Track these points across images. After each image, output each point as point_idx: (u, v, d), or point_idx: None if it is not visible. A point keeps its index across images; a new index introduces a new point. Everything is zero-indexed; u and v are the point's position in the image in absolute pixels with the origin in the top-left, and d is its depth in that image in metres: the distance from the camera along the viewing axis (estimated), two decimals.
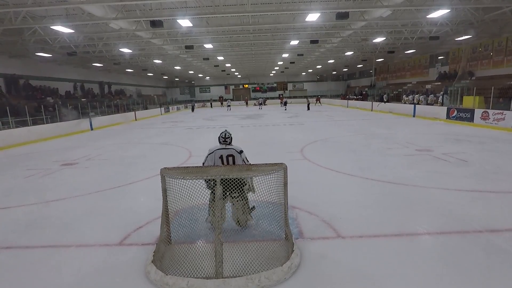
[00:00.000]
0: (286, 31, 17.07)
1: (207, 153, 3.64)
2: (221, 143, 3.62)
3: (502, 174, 5.93)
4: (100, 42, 16.90)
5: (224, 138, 3.62)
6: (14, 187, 6.38)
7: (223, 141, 3.61)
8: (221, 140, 3.61)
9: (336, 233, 3.74)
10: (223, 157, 3.56)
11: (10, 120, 13.48)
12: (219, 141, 3.64)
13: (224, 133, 3.67)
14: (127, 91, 34.92)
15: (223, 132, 3.68)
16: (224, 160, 3.56)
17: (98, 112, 20.75)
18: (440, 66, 24.68)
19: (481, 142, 9.50)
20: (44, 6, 10.25)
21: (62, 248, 3.67)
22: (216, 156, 3.58)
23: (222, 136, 3.64)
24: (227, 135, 3.62)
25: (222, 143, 3.62)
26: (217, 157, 3.58)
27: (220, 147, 3.61)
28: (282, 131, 14.17)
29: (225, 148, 3.61)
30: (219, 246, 2.81)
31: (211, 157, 3.59)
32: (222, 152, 3.59)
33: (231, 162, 3.57)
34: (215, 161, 3.55)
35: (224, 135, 3.65)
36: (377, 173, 6.22)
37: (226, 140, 3.62)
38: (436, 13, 12.21)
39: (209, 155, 3.58)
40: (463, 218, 4.01)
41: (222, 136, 3.66)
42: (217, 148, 3.61)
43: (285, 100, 33.33)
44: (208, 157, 3.59)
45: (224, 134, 3.65)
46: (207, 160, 3.60)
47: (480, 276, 2.84)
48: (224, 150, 3.61)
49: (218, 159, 3.56)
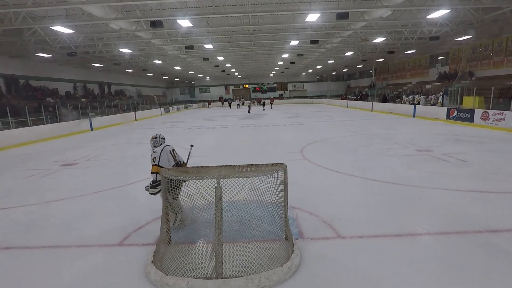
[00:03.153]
0: (286, 31, 17.08)
1: (158, 152, 3.99)
2: (161, 144, 4.19)
3: (502, 174, 5.93)
4: (100, 43, 16.90)
5: (163, 139, 4.26)
6: (14, 188, 6.38)
7: (163, 142, 4.24)
8: (161, 141, 4.22)
9: (336, 233, 3.74)
10: (171, 151, 4.15)
11: (10, 121, 13.47)
12: (159, 143, 4.18)
13: (159, 134, 4.29)
14: (127, 91, 34.93)
15: (158, 134, 4.28)
16: (172, 153, 4.16)
17: (98, 113, 20.74)
18: (440, 66, 24.69)
19: (481, 142, 9.50)
20: (44, 7, 10.25)
21: (62, 248, 3.67)
22: (167, 151, 4.09)
23: (162, 138, 4.26)
24: (162, 136, 4.29)
25: (163, 143, 4.21)
26: (168, 152, 4.10)
27: (165, 145, 4.17)
28: (282, 131, 14.18)
29: (168, 145, 4.21)
30: (219, 246, 2.81)
31: (165, 154, 4.05)
32: (169, 148, 4.15)
33: (176, 153, 4.25)
34: (168, 157, 4.07)
35: (161, 136, 4.26)
36: (377, 173, 6.23)
37: (163, 139, 4.27)
38: (436, 14, 12.21)
39: (161, 152, 4.02)
40: (463, 218, 4.01)
41: (161, 138, 4.24)
42: (163, 145, 4.13)
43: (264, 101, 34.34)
44: (162, 154, 4.01)
45: (161, 135, 4.27)
46: (162, 157, 4.01)
47: (480, 276, 2.84)
48: (168, 146, 4.18)
49: (169, 154, 4.10)
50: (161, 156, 3.99)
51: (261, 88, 48.26)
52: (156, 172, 3.91)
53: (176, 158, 4.21)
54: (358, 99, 30.39)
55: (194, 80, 48.61)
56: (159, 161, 3.95)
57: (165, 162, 4.01)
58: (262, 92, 47.73)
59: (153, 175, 3.93)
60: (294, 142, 10.57)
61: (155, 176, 3.91)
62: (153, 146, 4.17)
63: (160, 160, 3.95)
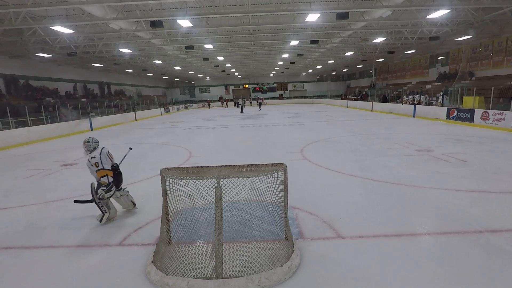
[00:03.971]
0: (286, 31, 17.07)
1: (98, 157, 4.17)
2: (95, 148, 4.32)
3: (502, 174, 5.93)
4: (100, 43, 16.90)
5: (97, 142, 4.38)
6: (14, 188, 6.38)
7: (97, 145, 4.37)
8: (95, 145, 4.33)
9: (336, 234, 3.74)
10: (108, 153, 4.31)
11: (10, 121, 13.47)
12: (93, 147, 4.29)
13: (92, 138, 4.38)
14: (127, 91, 34.93)
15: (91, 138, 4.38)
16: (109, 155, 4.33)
17: (98, 113, 20.75)
18: (440, 66, 24.69)
19: (481, 142, 9.50)
20: (44, 7, 10.25)
21: (62, 248, 3.68)
22: (105, 154, 4.26)
23: (95, 141, 4.37)
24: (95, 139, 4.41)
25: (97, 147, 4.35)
26: (106, 154, 4.26)
27: (101, 148, 4.34)
28: (282, 131, 14.17)
29: (103, 147, 4.38)
30: (219, 246, 2.81)
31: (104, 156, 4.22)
32: (105, 150, 4.32)
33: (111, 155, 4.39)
34: (107, 158, 4.24)
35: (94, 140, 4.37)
36: (377, 174, 6.23)
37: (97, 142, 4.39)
38: (436, 14, 12.22)
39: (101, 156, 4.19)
40: (463, 218, 4.01)
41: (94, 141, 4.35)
42: (100, 149, 4.31)
43: (260, 101, 34.29)
44: (102, 157, 4.19)
45: (93, 139, 4.38)
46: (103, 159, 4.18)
47: (480, 276, 2.84)
48: (104, 148, 4.35)
49: (107, 155, 4.27)
50: (102, 159, 4.16)
51: (261, 88, 48.26)
52: (105, 175, 4.09)
53: (113, 160, 4.37)
54: (358, 99, 30.40)
55: (194, 80, 48.61)
56: (103, 164, 4.13)
57: (108, 165, 4.20)
58: (262, 92, 47.74)
59: (104, 178, 4.08)
60: (294, 142, 10.57)
61: (106, 179, 4.08)
62: (87, 150, 4.29)
63: (103, 163, 4.13)
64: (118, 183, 4.37)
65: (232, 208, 4.12)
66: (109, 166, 4.24)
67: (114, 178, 4.24)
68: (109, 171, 4.20)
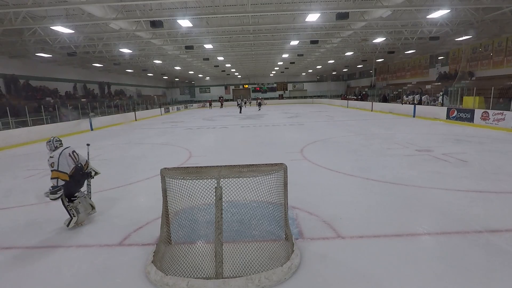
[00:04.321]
0: (286, 31, 17.07)
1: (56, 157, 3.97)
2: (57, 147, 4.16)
3: (502, 174, 5.93)
4: (100, 43, 16.90)
5: (58, 141, 4.25)
6: (14, 187, 6.38)
7: (60, 145, 4.23)
8: (57, 144, 4.20)
9: (336, 234, 3.74)
10: (71, 154, 4.18)
11: (10, 121, 13.48)
12: (54, 146, 4.16)
13: (53, 137, 4.28)
14: (127, 91, 34.94)
15: (53, 137, 4.28)
16: (72, 156, 4.19)
17: (98, 113, 20.75)
18: (440, 66, 24.70)
19: (481, 142, 9.50)
20: (44, 7, 10.25)
21: (62, 248, 3.68)
22: (65, 155, 4.09)
23: (57, 140, 4.25)
24: (57, 139, 4.29)
25: (59, 146, 4.20)
26: (67, 155, 4.11)
27: (63, 148, 4.17)
28: (282, 131, 14.17)
29: (67, 147, 4.23)
30: (219, 246, 2.81)
31: (63, 157, 4.04)
32: (68, 151, 4.17)
33: (76, 155, 4.30)
34: (67, 158, 4.09)
35: (55, 139, 4.26)
36: (377, 174, 6.23)
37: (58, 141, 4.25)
38: (436, 14, 12.21)
39: (59, 157, 3.99)
40: (463, 218, 4.01)
41: (55, 140, 4.23)
42: (61, 149, 4.13)
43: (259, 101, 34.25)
44: (60, 158, 3.99)
45: (55, 138, 4.26)
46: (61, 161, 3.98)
47: (480, 276, 2.84)
48: (67, 148, 4.21)
49: (69, 156, 4.12)
50: (60, 160, 3.96)
51: (261, 88, 48.27)
52: (56, 178, 3.89)
53: (77, 160, 4.25)
54: (358, 99, 30.40)
55: (194, 80, 48.61)
56: (58, 166, 3.94)
57: (65, 166, 4.00)
58: (262, 92, 47.75)
59: (53, 180, 3.89)
60: (294, 142, 10.57)
61: (56, 181, 3.89)
62: (49, 150, 4.13)
63: (59, 165, 3.94)
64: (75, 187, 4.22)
65: (232, 208, 4.12)
66: (68, 168, 4.04)
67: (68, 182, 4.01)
68: (62, 174, 3.94)
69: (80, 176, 4.28)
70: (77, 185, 4.27)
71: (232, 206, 4.09)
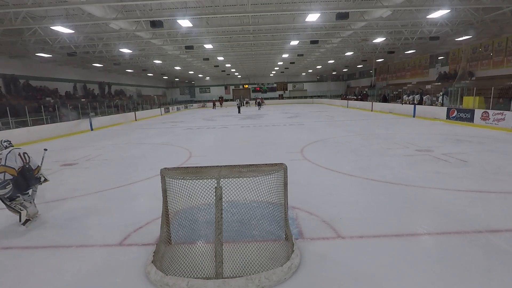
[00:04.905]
0: (286, 31, 17.07)
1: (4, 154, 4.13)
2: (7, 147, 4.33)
3: (502, 175, 5.93)
4: (100, 43, 16.90)
5: (7, 142, 4.45)
6: None
7: (9, 144, 4.41)
8: (6, 144, 4.38)
9: (336, 234, 3.74)
10: (21, 154, 4.29)
11: (10, 121, 13.48)
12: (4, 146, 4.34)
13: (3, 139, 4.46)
14: (127, 91, 34.92)
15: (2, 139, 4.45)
16: (22, 156, 4.28)
17: (98, 113, 20.75)
18: (440, 66, 24.68)
19: (481, 142, 9.50)
20: (44, 7, 10.25)
21: (62, 248, 3.68)
22: (15, 153, 4.22)
23: (5, 141, 4.44)
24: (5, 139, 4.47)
25: (8, 146, 4.38)
26: (17, 154, 4.23)
27: (12, 148, 4.32)
28: (282, 131, 14.17)
29: (17, 148, 4.35)
30: (219, 246, 2.81)
31: (12, 155, 4.18)
32: (18, 151, 4.27)
33: (27, 157, 4.37)
34: (16, 157, 4.19)
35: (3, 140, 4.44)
36: (377, 174, 6.23)
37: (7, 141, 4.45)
38: (436, 14, 12.21)
39: (8, 154, 4.15)
40: (463, 218, 4.01)
41: (3, 141, 4.42)
42: (11, 149, 4.28)
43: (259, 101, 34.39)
44: (9, 155, 4.14)
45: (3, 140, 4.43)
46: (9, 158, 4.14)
47: (480, 276, 2.84)
48: (18, 149, 4.32)
49: (18, 156, 4.23)
50: (8, 157, 4.14)
51: (261, 88, 48.26)
52: (3, 172, 4.04)
53: (26, 161, 4.31)
54: (358, 99, 30.39)
55: (194, 80, 48.60)
56: (6, 161, 4.10)
57: (12, 163, 4.14)
58: (262, 92, 47.74)
59: (1, 175, 4.04)
60: (294, 142, 10.57)
61: (3, 176, 4.03)
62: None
63: (6, 161, 4.10)
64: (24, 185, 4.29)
65: (232, 208, 4.12)
66: (16, 165, 4.13)
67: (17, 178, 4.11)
68: (9, 169, 4.06)
69: (27, 176, 4.29)
70: (22, 185, 4.29)
71: (232, 206, 4.09)
